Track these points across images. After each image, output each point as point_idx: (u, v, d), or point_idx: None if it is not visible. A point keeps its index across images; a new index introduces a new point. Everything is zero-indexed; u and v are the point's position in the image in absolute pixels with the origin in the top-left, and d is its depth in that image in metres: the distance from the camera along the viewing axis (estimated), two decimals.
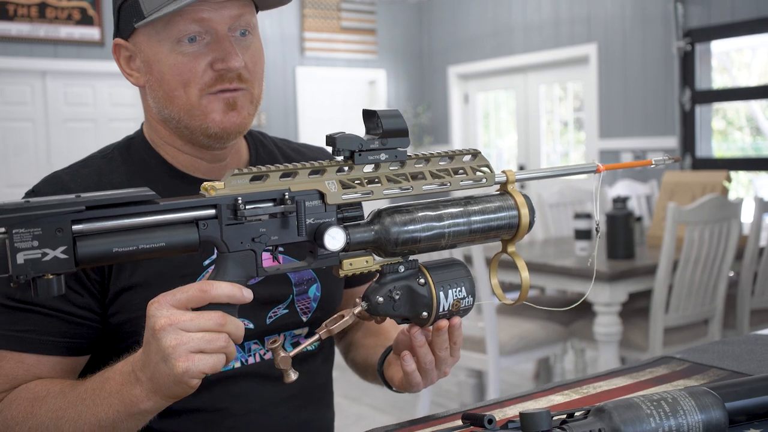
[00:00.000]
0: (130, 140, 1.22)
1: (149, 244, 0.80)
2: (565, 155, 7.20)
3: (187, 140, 1.15)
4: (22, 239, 0.74)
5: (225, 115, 1.10)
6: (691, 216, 3.19)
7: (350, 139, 0.90)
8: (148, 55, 1.10)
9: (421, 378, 1.03)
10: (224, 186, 0.84)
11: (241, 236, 0.85)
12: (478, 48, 7.52)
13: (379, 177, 0.92)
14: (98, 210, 0.78)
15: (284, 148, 1.33)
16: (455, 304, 0.98)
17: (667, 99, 5.82)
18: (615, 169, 1.12)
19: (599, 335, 3.24)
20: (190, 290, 0.83)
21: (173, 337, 0.81)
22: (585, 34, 6.46)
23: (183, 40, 1.07)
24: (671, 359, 1.29)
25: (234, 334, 0.85)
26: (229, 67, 1.08)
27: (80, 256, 0.76)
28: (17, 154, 6.13)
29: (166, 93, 1.10)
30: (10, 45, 5.93)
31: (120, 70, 1.17)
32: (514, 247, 1.03)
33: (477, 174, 0.99)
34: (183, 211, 0.82)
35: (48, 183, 1.13)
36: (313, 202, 0.88)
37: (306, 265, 0.90)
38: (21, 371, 1.04)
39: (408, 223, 0.93)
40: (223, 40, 1.08)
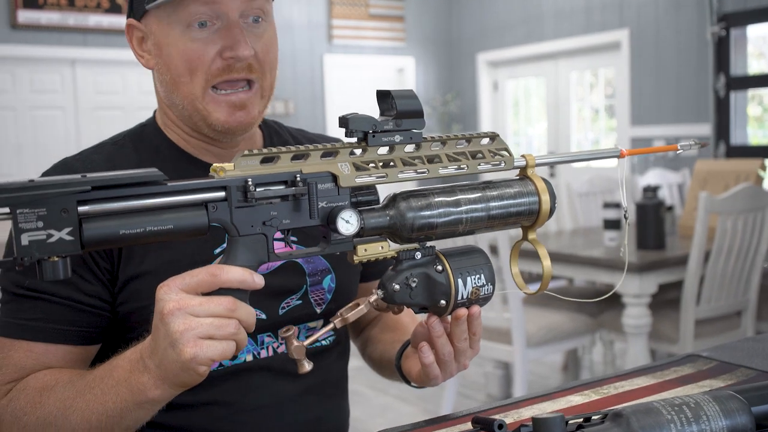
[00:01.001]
0: (142, 127, 1.20)
1: (157, 226, 0.77)
2: (596, 143, 7.10)
3: (193, 128, 1.14)
4: (27, 220, 0.72)
5: (230, 116, 1.08)
6: (723, 205, 3.11)
7: (363, 119, 0.87)
8: (158, 37, 1.08)
9: (439, 371, 0.99)
10: (234, 167, 0.82)
11: (251, 219, 0.82)
12: (507, 34, 7.42)
13: (394, 160, 0.89)
14: (105, 190, 0.75)
15: (299, 137, 1.30)
16: (474, 291, 0.94)
17: (701, 85, 5.70)
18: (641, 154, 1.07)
19: (628, 327, 3.18)
20: (200, 274, 0.81)
21: (181, 321, 0.79)
22: (617, 20, 6.35)
23: (193, 25, 1.05)
24: (698, 357, 1.24)
25: (245, 321, 0.82)
26: (238, 56, 1.06)
27: (86, 237, 0.74)
28: (47, 143, 6.18)
29: (173, 78, 1.08)
30: (40, 34, 5.98)
31: (132, 51, 1.14)
32: (535, 234, 0.99)
33: (495, 158, 0.95)
34: (192, 192, 0.80)
35: (58, 169, 1.12)
36: (325, 184, 0.85)
37: (319, 251, 0.87)
38: (30, 360, 1.03)
39: (424, 208, 0.89)
40: (234, 27, 1.06)
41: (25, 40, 5.91)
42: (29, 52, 5.95)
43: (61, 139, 6.24)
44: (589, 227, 4.21)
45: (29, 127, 6.10)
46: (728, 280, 3.22)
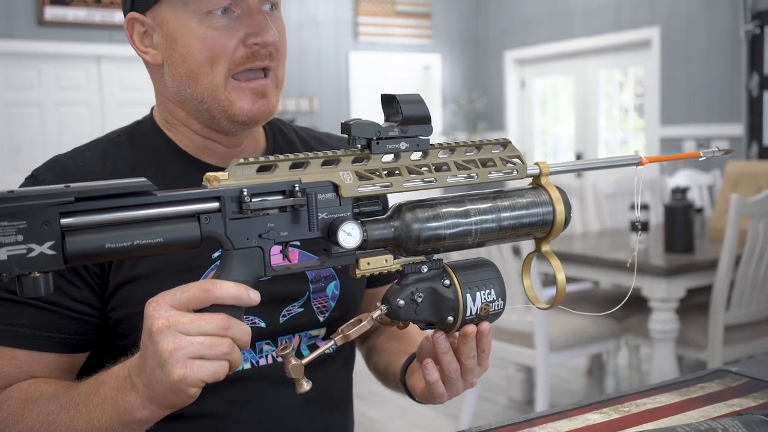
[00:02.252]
0: (138, 124, 1.15)
1: (145, 239, 0.73)
2: (625, 143, 6.98)
3: (204, 123, 1.08)
4: (6, 233, 0.67)
5: (254, 104, 1.04)
6: (755, 208, 3.02)
7: (367, 125, 0.82)
8: (172, 28, 1.02)
9: (444, 388, 0.94)
10: (228, 177, 0.77)
11: (247, 232, 0.78)
12: (535, 32, 7.33)
13: (399, 168, 0.84)
14: (90, 201, 0.71)
15: (304, 135, 1.25)
16: (483, 307, 0.89)
17: (733, 85, 5.57)
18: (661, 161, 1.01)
19: (655, 332, 3.10)
20: (192, 289, 0.76)
21: (171, 340, 0.74)
22: (647, 17, 6.23)
23: (214, 12, 1.00)
24: (726, 373, 1.17)
25: (239, 339, 0.78)
26: (265, 42, 1.02)
27: (69, 252, 0.70)
28: (72, 139, 6.21)
29: (191, 70, 1.02)
30: (66, 30, 6.00)
31: (132, 47, 1.09)
32: (549, 246, 0.94)
33: (507, 166, 0.89)
34: (183, 203, 0.75)
35: (49, 167, 1.07)
36: (326, 194, 0.81)
37: (319, 264, 0.83)
38: (14, 369, 0.98)
39: (431, 219, 0.84)
40: (256, 13, 1.02)
41: (51, 37, 5.95)
42: (55, 48, 5.98)
43: (85, 136, 6.24)
44: (615, 228, 4.13)
45: (54, 123, 6.14)
46: (759, 285, 3.13)
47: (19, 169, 6.03)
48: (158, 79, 1.10)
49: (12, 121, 5.98)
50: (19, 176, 6.24)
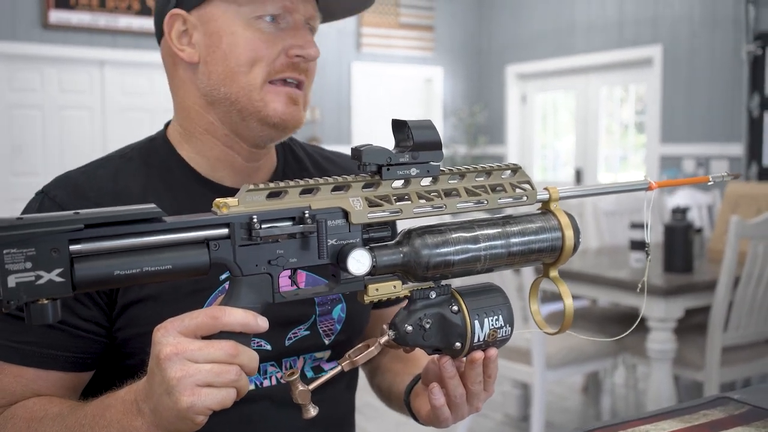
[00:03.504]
0: (151, 140, 1.14)
1: (154, 266, 0.73)
2: (624, 159, 7.00)
3: (232, 129, 1.08)
4: (14, 260, 0.67)
5: (287, 107, 1.06)
6: (755, 230, 3.02)
7: (377, 151, 0.82)
8: (220, 25, 1.04)
9: (450, 413, 0.94)
10: (238, 203, 0.77)
11: (256, 258, 0.77)
12: (538, 47, 7.35)
13: (410, 194, 0.84)
14: (98, 228, 0.71)
15: (314, 155, 1.25)
16: (491, 334, 0.89)
17: (734, 104, 5.59)
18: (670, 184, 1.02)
19: (652, 352, 3.10)
20: (200, 316, 0.76)
21: (179, 367, 0.74)
22: (650, 35, 6.25)
23: (264, 18, 1.04)
24: (729, 400, 1.17)
25: (246, 366, 0.77)
26: (308, 55, 1.05)
27: (78, 279, 0.70)
28: (73, 143, 6.21)
29: (230, 68, 1.04)
30: (70, 34, 6.01)
31: (167, 44, 1.09)
32: (557, 272, 0.94)
33: (517, 191, 0.89)
34: (192, 230, 0.75)
35: (60, 183, 1.06)
36: (336, 221, 0.80)
37: (327, 290, 0.83)
38: (19, 386, 0.98)
39: (440, 245, 0.84)
40: (302, 28, 1.06)
41: (55, 40, 5.95)
42: (59, 52, 5.99)
43: (87, 140, 6.27)
44: (614, 246, 4.13)
45: (56, 126, 6.14)
46: (758, 307, 3.13)
47: (19, 171, 6.03)
48: (186, 81, 1.09)
49: (14, 123, 5.98)
50: (19, 178, 6.23)
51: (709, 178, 1.00)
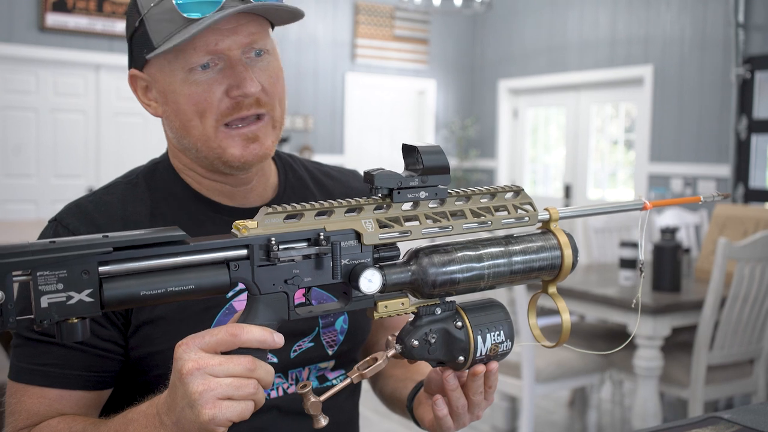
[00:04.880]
0: (155, 164, 1.18)
1: (178, 286, 0.76)
2: (613, 175, 7.07)
3: (208, 168, 1.12)
4: (47, 282, 0.71)
5: (245, 149, 1.06)
6: (742, 252, 3.08)
7: (389, 176, 0.86)
8: (162, 85, 1.06)
9: (452, 422, 0.98)
10: (257, 225, 0.80)
11: (273, 278, 0.81)
12: (530, 63, 7.42)
13: (418, 215, 0.88)
14: (126, 251, 0.74)
15: (315, 171, 1.29)
16: (493, 348, 0.92)
17: (722, 126, 5.67)
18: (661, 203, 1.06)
19: (639, 369, 3.15)
20: (220, 333, 0.79)
21: (200, 382, 0.77)
22: (641, 55, 6.34)
23: (196, 68, 1.03)
24: (719, 420, 1.21)
25: (263, 380, 0.81)
26: (246, 93, 1.04)
27: (106, 299, 0.73)
28: (67, 146, 6.22)
29: (183, 123, 1.06)
30: (67, 37, 6.03)
31: (138, 101, 1.12)
32: (555, 288, 0.98)
33: (519, 212, 0.93)
34: (214, 251, 0.78)
35: (71, 212, 1.10)
36: (348, 242, 0.84)
37: (339, 308, 0.86)
38: (43, 407, 1.01)
39: (446, 263, 0.88)
40: (237, 64, 1.04)
41: (51, 43, 5.97)
42: (55, 55, 6.00)
43: (81, 143, 6.27)
44: (603, 263, 4.18)
45: (50, 129, 6.14)
46: (742, 327, 3.18)
47: (12, 173, 6.03)
48: (163, 128, 1.14)
49: (8, 125, 5.98)
50: (12, 180, 6.21)
51: (700, 198, 1.04)
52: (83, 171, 6.31)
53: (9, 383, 1.03)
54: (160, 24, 1.02)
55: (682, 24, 6.01)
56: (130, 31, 1.08)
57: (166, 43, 1.01)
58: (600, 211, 1.01)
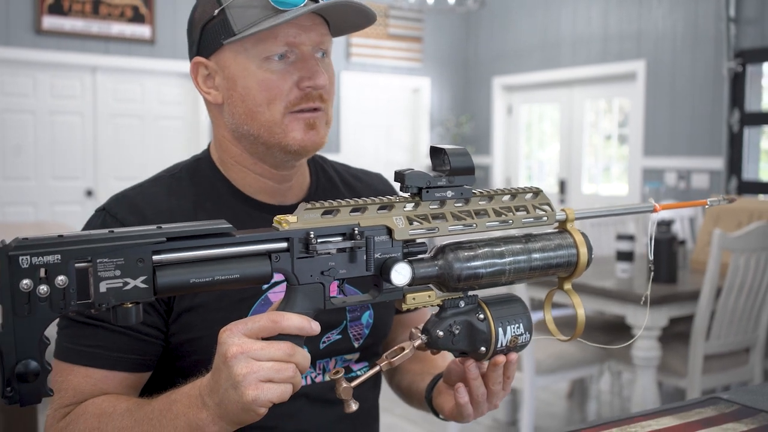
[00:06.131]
0: (197, 160, 1.24)
1: (224, 275, 0.81)
2: (607, 170, 7.15)
3: (259, 158, 1.17)
4: (106, 269, 0.76)
5: (305, 134, 1.13)
6: (737, 243, 3.15)
7: (419, 176, 0.91)
8: (234, 71, 1.13)
9: (472, 409, 1.04)
10: (297, 219, 0.86)
11: (310, 269, 0.86)
12: (524, 60, 7.49)
13: (445, 213, 0.93)
14: (178, 241, 0.80)
15: (343, 173, 1.35)
16: (513, 340, 0.98)
17: (715, 119, 5.74)
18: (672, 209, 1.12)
19: (638, 359, 3.21)
20: (262, 320, 0.85)
21: (244, 365, 0.83)
22: (634, 51, 6.41)
23: (272, 57, 1.10)
24: (719, 400, 1.28)
25: (301, 365, 0.86)
26: (317, 85, 1.11)
27: (159, 285, 0.78)
28: (65, 148, 6.25)
29: (249, 109, 1.12)
30: (63, 40, 6.06)
31: (196, 89, 1.19)
32: (570, 285, 1.04)
33: (538, 212, 0.99)
34: (257, 243, 0.84)
35: (118, 202, 1.15)
36: (380, 237, 0.90)
37: (371, 299, 0.92)
38: (88, 386, 1.06)
39: (471, 259, 0.93)
40: (309, 59, 1.12)
41: (48, 46, 6.00)
42: (52, 57, 6.03)
43: (78, 145, 6.31)
44: (600, 256, 4.25)
45: (48, 131, 6.18)
46: (738, 316, 3.25)
47: (10, 175, 6.06)
48: (217, 118, 1.19)
49: (6, 128, 6.01)
50: (11, 182, 6.24)
51: (707, 202, 1.10)
52: (81, 173, 6.34)
53: (55, 362, 1.08)
54: (245, 11, 1.09)
55: (673, 19, 6.08)
56: (203, 20, 1.14)
57: (252, 27, 1.07)
58: (613, 212, 1.07)
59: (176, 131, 6.70)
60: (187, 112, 6.74)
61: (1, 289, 0.73)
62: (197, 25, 1.16)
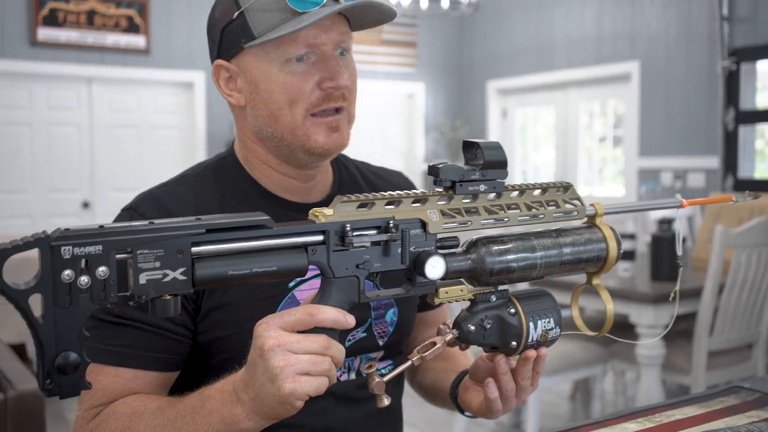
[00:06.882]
0: (222, 159, 1.24)
1: (262, 267, 0.82)
2: (600, 171, 7.18)
3: (283, 159, 1.18)
4: (146, 260, 0.76)
5: (328, 137, 1.13)
6: (739, 239, 3.17)
7: (453, 169, 0.92)
8: (255, 74, 1.13)
9: (501, 405, 1.04)
10: (333, 212, 0.86)
11: (346, 262, 0.87)
12: (518, 63, 7.52)
13: (478, 207, 0.94)
14: (217, 233, 0.80)
15: (365, 171, 1.36)
16: (543, 334, 0.99)
17: (710, 118, 5.78)
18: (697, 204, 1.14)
19: (642, 357, 3.22)
20: (298, 313, 0.85)
21: (281, 358, 0.83)
22: (628, 51, 6.44)
23: (292, 60, 1.10)
24: (740, 389, 1.29)
25: (336, 358, 0.87)
26: (338, 85, 1.11)
27: (198, 277, 0.78)
28: (61, 159, 6.23)
29: (272, 112, 1.12)
30: (59, 51, 6.05)
31: (218, 91, 1.19)
32: (599, 280, 1.05)
33: (567, 206, 1.00)
34: (294, 236, 0.84)
35: (146, 201, 1.15)
36: (415, 230, 0.90)
37: (404, 292, 0.92)
38: (118, 385, 1.06)
39: (503, 253, 0.94)
40: (330, 59, 1.12)
41: (43, 57, 5.99)
42: (47, 69, 6.03)
43: (75, 156, 6.30)
44: None
45: (44, 143, 6.16)
46: (741, 312, 3.27)
47: (7, 188, 6.04)
48: (241, 119, 1.20)
49: (2, 140, 6.00)
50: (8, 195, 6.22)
51: (732, 197, 1.12)
52: (78, 185, 6.33)
53: None
54: (264, 14, 1.08)
55: (667, 19, 6.12)
56: (222, 23, 1.14)
57: (272, 32, 1.07)
58: (642, 207, 1.08)
59: (173, 141, 6.70)
60: (184, 122, 6.74)
61: (42, 279, 0.73)
62: (217, 27, 1.16)
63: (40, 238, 0.72)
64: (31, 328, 0.73)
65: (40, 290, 0.73)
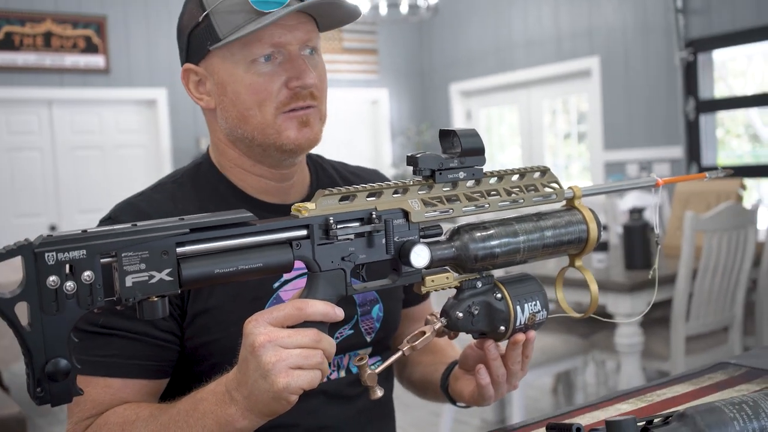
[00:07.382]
0: (197, 165, 1.23)
1: (248, 264, 0.81)
2: (566, 168, 7.25)
3: (256, 160, 1.17)
4: (131, 262, 0.76)
5: (299, 132, 1.13)
6: (709, 224, 3.21)
7: (431, 158, 0.92)
8: (222, 76, 1.12)
9: (493, 391, 1.05)
10: (315, 206, 0.86)
11: (331, 255, 0.87)
12: (479, 64, 7.57)
13: (458, 195, 0.94)
14: (201, 232, 0.79)
15: (342, 170, 1.35)
16: (531, 317, 0.99)
17: (671, 109, 5.87)
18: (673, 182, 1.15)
19: (621, 346, 3.25)
20: (286, 308, 0.85)
21: (272, 353, 0.82)
22: (587, 47, 6.52)
23: (258, 60, 1.10)
24: (727, 365, 1.31)
25: (327, 351, 0.87)
26: (305, 84, 1.11)
27: (184, 277, 0.78)
28: (25, 184, 6.14)
29: (241, 113, 1.12)
30: (17, 75, 5.97)
31: (189, 95, 1.19)
32: (581, 261, 1.05)
33: (546, 190, 1.01)
34: (278, 232, 0.84)
35: (124, 210, 1.14)
36: (398, 220, 0.90)
37: (390, 283, 0.92)
38: (108, 396, 1.05)
39: (486, 239, 0.95)
40: (296, 58, 1.11)
41: (1, 82, 5.90)
42: (5, 93, 5.94)
43: (39, 180, 6.21)
44: None
45: (6, 168, 6.07)
46: (715, 296, 3.31)
47: None
48: (213, 122, 1.19)
49: None
50: None
51: (705, 175, 1.13)
52: (44, 209, 6.24)
53: None
54: (228, 16, 1.08)
55: (623, 13, 6.21)
56: (189, 27, 1.13)
57: (236, 32, 1.07)
58: (618, 188, 1.09)
59: (137, 159, 6.63)
60: (148, 140, 6.68)
61: (27, 287, 0.72)
62: (184, 31, 1.16)
63: (22, 246, 0.72)
64: (18, 337, 0.73)
65: (25, 298, 0.72)
